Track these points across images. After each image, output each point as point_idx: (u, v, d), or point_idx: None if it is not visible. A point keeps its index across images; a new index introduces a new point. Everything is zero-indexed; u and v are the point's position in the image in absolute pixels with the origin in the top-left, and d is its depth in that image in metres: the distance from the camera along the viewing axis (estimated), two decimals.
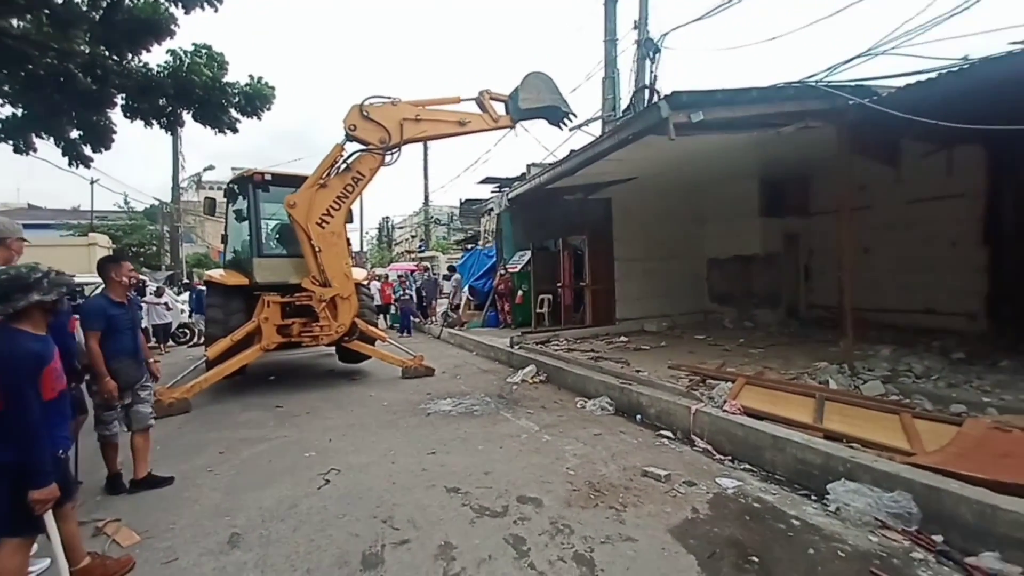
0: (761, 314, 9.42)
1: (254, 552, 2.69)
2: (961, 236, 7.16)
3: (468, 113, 6.65)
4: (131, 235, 24.68)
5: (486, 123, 6.70)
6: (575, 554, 2.59)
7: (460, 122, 6.58)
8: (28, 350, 2.09)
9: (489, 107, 6.70)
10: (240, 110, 8.62)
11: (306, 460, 4.08)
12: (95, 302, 3.51)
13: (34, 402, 2.05)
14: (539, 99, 6.71)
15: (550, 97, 6.79)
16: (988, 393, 4.36)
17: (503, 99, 6.78)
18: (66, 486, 2.25)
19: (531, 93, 6.68)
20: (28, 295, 2.11)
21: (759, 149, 7.06)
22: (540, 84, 6.75)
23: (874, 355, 5.79)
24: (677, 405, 4.53)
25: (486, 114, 6.69)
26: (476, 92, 6.73)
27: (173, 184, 21.96)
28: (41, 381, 2.11)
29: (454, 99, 6.70)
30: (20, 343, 2.09)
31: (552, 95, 6.81)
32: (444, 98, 6.70)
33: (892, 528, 2.66)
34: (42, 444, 2.06)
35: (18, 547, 2.11)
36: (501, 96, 6.78)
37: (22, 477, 2.02)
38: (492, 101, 6.73)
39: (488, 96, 6.70)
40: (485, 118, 6.69)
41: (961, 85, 4.34)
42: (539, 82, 6.75)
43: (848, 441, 3.46)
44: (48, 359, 2.17)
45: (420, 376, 7.37)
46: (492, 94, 6.73)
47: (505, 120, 6.79)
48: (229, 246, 7.98)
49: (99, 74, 7.73)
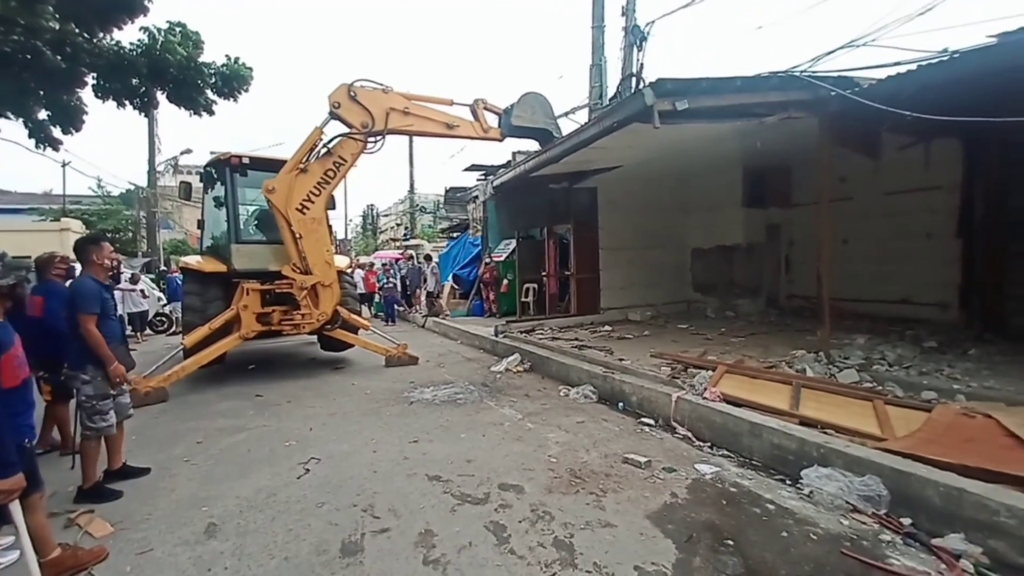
0: (742, 304, 9.55)
1: (231, 542, 2.66)
2: (936, 228, 7.32)
3: (458, 118, 6.59)
4: (106, 220, 23.90)
5: (475, 131, 6.65)
6: (555, 539, 2.61)
7: (449, 124, 6.50)
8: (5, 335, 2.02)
9: (481, 116, 6.67)
10: (217, 91, 8.37)
11: (286, 449, 4.04)
12: (89, 284, 3.25)
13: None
14: (533, 119, 6.74)
15: (544, 120, 6.84)
16: (957, 380, 4.49)
17: (497, 111, 6.78)
18: (33, 476, 2.19)
19: (526, 112, 6.69)
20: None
21: (743, 139, 7.09)
22: (536, 105, 6.78)
23: (850, 344, 5.92)
24: (659, 393, 4.59)
25: (476, 122, 6.66)
26: (471, 99, 6.71)
27: (149, 168, 21.28)
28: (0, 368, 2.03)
29: (447, 100, 6.60)
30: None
31: (547, 119, 6.87)
32: (437, 97, 6.58)
33: (862, 511, 2.73)
34: (3, 433, 1.98)
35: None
36: (495, 108, 6.78)
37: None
38: (486, 111, 6.71)
39: (482, 105, 6.68)
40: (475, 126, 6.65)
41: (940, 77, 4.41)
42: (536, 103, 6.78)
43: (822, 427, 3.54)
44: (8, 345, 2.09)
45: (404, 365, 7.34)
46: (487, 104, 6.71)
47: (495, 132, 6.77)
48: (206, 232, 7.77)
49: (68, 52, 7.41)
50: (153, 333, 12.10)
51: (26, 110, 8.10)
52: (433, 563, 2.43)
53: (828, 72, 5.61)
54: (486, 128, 6.70)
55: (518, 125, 6.66)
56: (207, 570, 2.42)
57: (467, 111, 6.69)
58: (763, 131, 6.13)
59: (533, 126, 6.77)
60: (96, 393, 3.24)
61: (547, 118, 6.87)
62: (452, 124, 6.51)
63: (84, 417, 3.27)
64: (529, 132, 6.90)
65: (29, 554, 2.15)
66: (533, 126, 6.77)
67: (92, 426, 3.25)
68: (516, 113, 6.62)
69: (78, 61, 7.62)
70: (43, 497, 2.42)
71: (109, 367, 3.21)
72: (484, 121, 6.69)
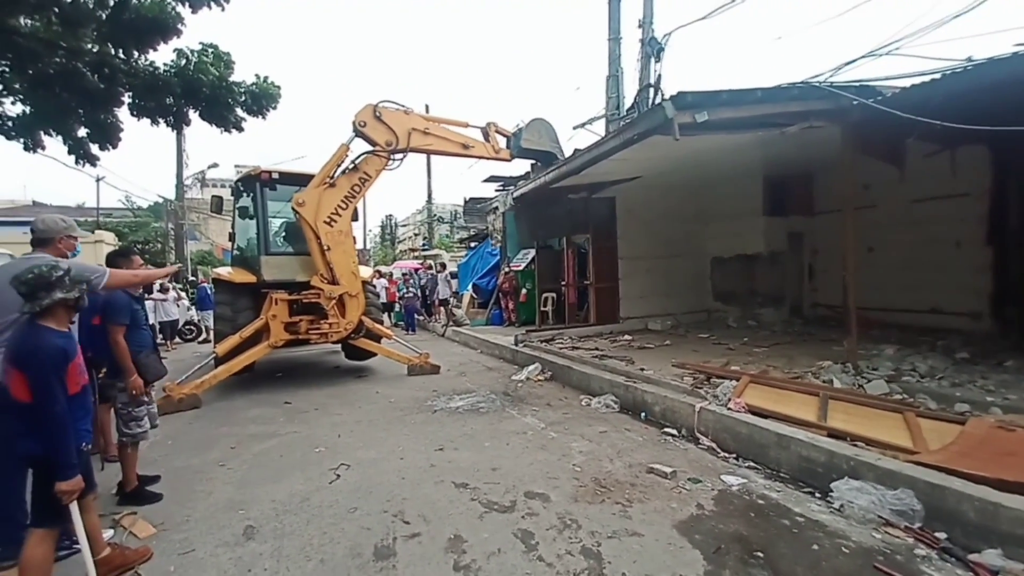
0: (765, 313, 9.44)
1: (269, 544, 2.76)
2: (965, 236, 7.17)
3: (472, 139, 7.13)
4: (136, 232, 24.81)
5: (487, 152, 7.23)
6: (583, 548, 2.64)
7: (464, 145, 7.01)
8: (54, 345, 2.15)
9: (493, 138, 7.26)
10: (246, 109, 8.66)
11: (316, 455, 4.15)
12: (121, 296, 3.37)
13: (61, 396, 2.13)
14: (539, 143, 7.42)
15: (550, 144, 7.54)
16: (992, 393, 4.38)
17: (506, 134, 7.41)
18: (89, 478, 2.32)
19: (533, 136, 7.35)
20: (52, 293, 2.17)
21: (763, 148, 7.08)
22: (543, 130, 7.47)
23: (878, 354, 5.81)
24: (682, 403, 4.58)
25: (488, 144, 7.23)
26: (484, 122, 7.31)
27: (177, 182, 22.03)
28: (66, 376, 2.18)
29: (463, 123, 7.10)
30: (46, 339, 2.15)
31: (552, 143, 7.56)
32: (453, 120, 7.10)
33: (895, 525, 2.70)
34: (68, 437, 2.13)
35: (44, 537, 2.19)
36: (505, 131, 7.41)
37: (49, 470, 2.11)
38: (497, 134, 7.31)
39: (494, 128, 7.30)
40: (487, 147, 7.22)
41: (965, 86, 4.36)
42: (542, 128, 7.46)
43: (852, 439, 3.49)
44: (72, 354, 2.24)
45: (426, 374, 7.44)
46: (497, 127, 7.34)
47: (505, 153, 7.37)
48: (236, 244, 8.05)
49: (107, 73, 7.79)
50: (182, 341, 12.46)
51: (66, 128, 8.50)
52: (464, 568, 2.49)
53: (849, 81, 5.59)
54: (497, 149, 7.31)
55: (527, 147, 7.32)
56: (248, 571, 2.52)
57: (479, 133, 7.27)
58: (784, 140, 6.12)
59: (539, 148, 7.45)
60: (131, 400, 3.41)
61: (552, 142, 7.57)
62: (467, 145, 7.05)
63: (121, 424, 3.43)
64: (535, 154, 7.64)
65: (86, 552, 2.28)
66: (539, 148, 7.45)
67: (128, 432, 3.41)
68: (524, 136, 7.29)
69: (115, 82, 8.00)
70: (96, 498, 2.56)
71: (128, 379, 3.34)
72: (495, 142, 7.30)
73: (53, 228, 2.74)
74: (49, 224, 2.75)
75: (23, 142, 7.92)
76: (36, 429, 2.09)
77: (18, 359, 2.12)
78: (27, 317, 2.19)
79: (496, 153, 7.28)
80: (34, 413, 2.09)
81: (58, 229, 2.74)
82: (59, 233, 2.74)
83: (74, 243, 2.85)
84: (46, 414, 2.09)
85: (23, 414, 2.10)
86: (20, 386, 2.10)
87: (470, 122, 7.18)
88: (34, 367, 2.09)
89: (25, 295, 2.15)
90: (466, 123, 7.14)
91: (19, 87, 7.53)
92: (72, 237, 2.83)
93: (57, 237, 2.73)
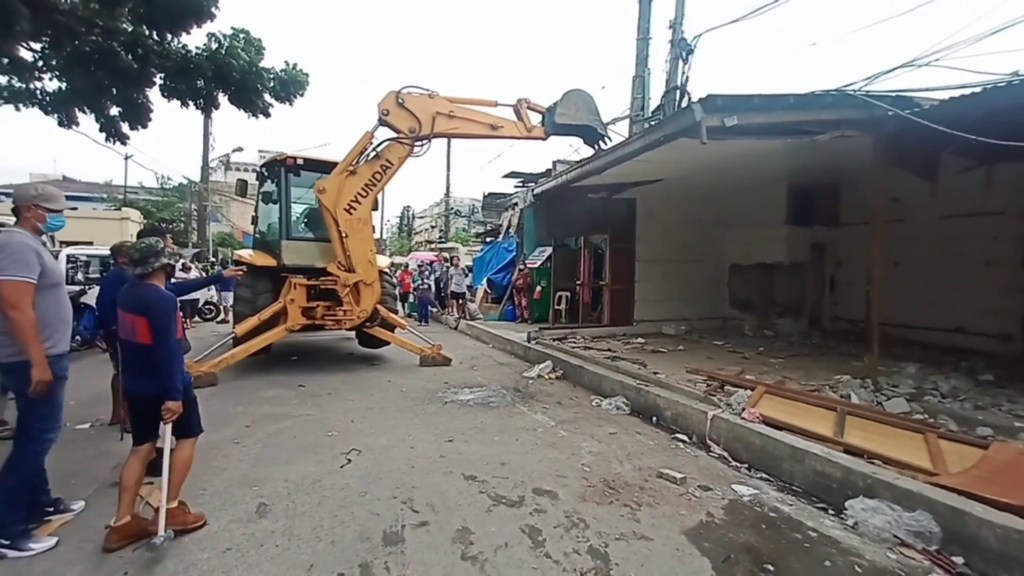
0: (782, 323, 9.29)
1: (281, 522, 2.81)
2: (997, 255, 6.96)
3: (502, 118, 6.62)
4: (163, 211, 25.37)
5: (519, 131, 6.63)
6: (590, 548, 2.64)
7: (493, 126, 6.53)
8: (169, 296, 2.66)
9: (525, 116, 6.65)
10: (274, 95, 8.78)
11: (328, 439, 4.20)
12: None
13: (174, 333, 2.62)
14: (576, 116, 6.62)
15: (588, 117, 6.69)
16: (1019, 418, 4.26)
17: (540, 110, 6.72)
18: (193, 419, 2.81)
19: (569, 109, 6.58)
20: (159, 259, 2.66)
21: (789, 156, 6.95)
22: (580, 102, 6.65)
23: (899, 372, 5.68)
24: (694, 409, 4.53)
25: (520, 122, 6.64)
26: (514, 99, 6.69)
27: (203, 163, 22.43)
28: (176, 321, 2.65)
29: (491, 102, 6.65)
30: (162, 292, 2.65)
31: (591, 115, 6.71)
32: (481, 99, 6.64)
33: (911, 547, 2.64)
34: (178, 368, 2.63)
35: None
36: (539, 107, 6.73)
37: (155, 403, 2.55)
38: (529, 111, 6.67)
39: (526, 105, 6.65)
40: (519, 126, 6.63)
41: (1007, 101, 4.23)
42: (579, 100, 6.66)
43: (869, 457, 3.43)
44: (176, 306, 2.69)
45: (437, 365, 7.48)
46: (530, 104, 6.68)
47: (539, 131, 6.73)
48: (258, 227, 8.17)
49: (140, 53, 7.94)
50: (202, 320, 12.72)
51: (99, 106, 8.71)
52: (471, 559, 2.50)
53: (884, 92, 5.45)
54: (530, 128, 6.67)
55: (562, 123, 6.59)
56: (260, 546, 2.57)
57: (510, 111, 6.69)
58: (811, 149, 6.00)
59: (577, 123, 6.66)
60: None
61: (591, 114, 6.71)
62: (496, 125, 6.54)
63: None
64: (573, 129, 6.79)
65: (164, 477, 2.60)
66: (577, 123, 6.66)
67: None
68: (559, 111, 6.55)
69: (148, 62, 8.16)
70: (194, 442, 2.84)
71: None
72: (528, 120, 6.67)
73: (22, 196, 2.57)
74: (19, 193, 2.59)
75: (58, 117, 8.13)
76: (154, 369, 2.55)
77: (146, 308, 2.56)
78: (137, 279, 2.68)
79: (529, 132, 6.65)
80: (152, 355, 2.54)
81: (26, 197, 2.56)
82: (27, 201, 2.56)
83: (44, 214, 2.61)
84: (164, 347, 2.55)
85: (143, 353, 2.57)
86: (144, 330, 2.55)
87: (500, 101, 6.65)
88: (159, 313, 2.56)
89: (137, 261, 2.65)
90: (495, 102, 6.62)
91: (56, 63, 7.72)
92: (43, 207, 2.60)
93: (24, 206, 2.56)
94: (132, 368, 2.67)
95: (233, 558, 2.48)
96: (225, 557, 2.48)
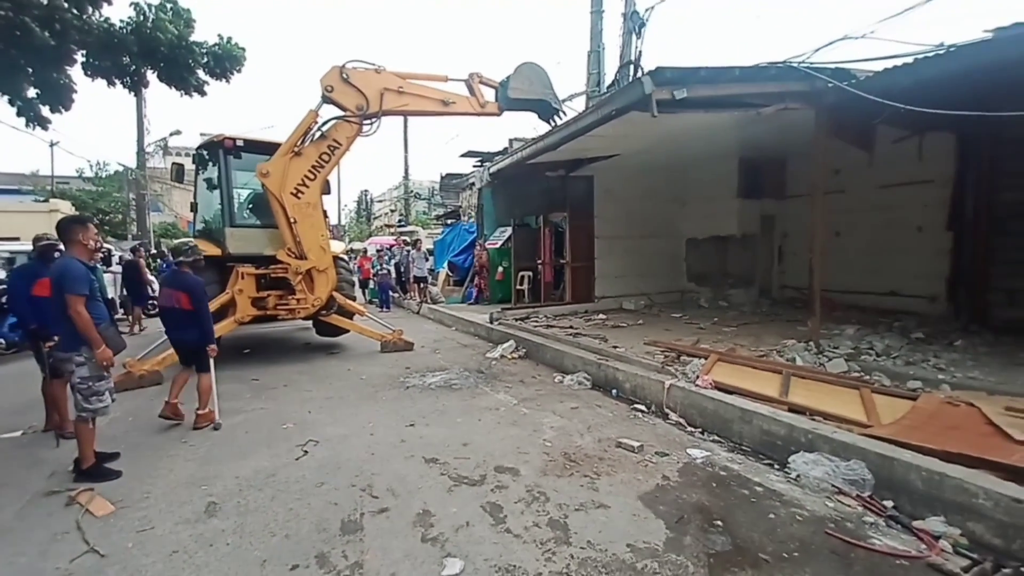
0: (735, 294, 9.65)
1: (232, 520, 2.70)
2: (928, 221, 7.42)
3: (454, 94, 6.41)
4: (98, 201, 23.55)
5: (472, 107, 6.45)
6: (550, 520, 2.68)
7: (444, 101, 6.31)
8: (200, 279, 4.32)
9: (478, 91, 6.46)
10: (208, 71, 8.19)
11: (284, 432, 4.08)
12: (77, 265, 3.15)
13: (207, 303, 4.30)
14: (530, 91, 6.47)
15: (541, 91, 6.54)
16: (943, 371, 4.61)
17: (493, 85, 6.55)
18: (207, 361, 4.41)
19: (522, 84, 6.42)
20: (195, 254, 4.37)
21: (739, 130, 7.11)
22: (533, 76, 6.50)
23: (839, 334, 6.03)
24: (652, 380, 4.66)
25: (473, 98, 6.46)
26: (466, 74, 6.47)
27: (138, 148, 20.89)
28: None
29: (441, 77, 6.41)
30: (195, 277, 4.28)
31: (544, 89, 6.57)
32: (431, 74, 6.43)
33: (847, 494, 2.83)
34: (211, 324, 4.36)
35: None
36: (491, 82, 6.55)
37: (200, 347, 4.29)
38: (482, 85, 6.49)
39: (478, 80, 6.46)
40: (472, 102, 6.45)
41: (935, 71, 4.43)
42: (532, 74, 6.50)
43: (811, 414, 3.63)
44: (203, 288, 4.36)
45: (399, 350, 7.37)
46: (482, 78, 6.49)
47: (492, 107, 6.56)
48: (199, 215, 7.70)
49: (58, 28, 7.20)
50: (145, 316, 12.00)
51: (15, 88, 7.90)
52: (431, 541, 2.49)
53: (826, 64, 5.62)
54: (483, 103, 6.50)
55: (516, 98, 6.43)
56: (209, 546, 2.47)
57: (463, 87, 6.50)
58: (760, 123, 6.15)
59: (531, 97, 6.51)
60: (92, 374, 3.22)
61: (545, 89, 6.58)
62: (448, 101, 6.33)
63: (80, 399, 3.24)
64: (527, 104, 6.63)
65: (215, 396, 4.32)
66: (531, 97, 6.51)
67: (88, 407, 3.23)
68: (512, 85, 6.39)
69: (68, 38, 7.42)
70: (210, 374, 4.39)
71: (96, 350, 3.15)
72: (481, 96, 6.49)
73: None
74: None
75: None
76: (194, 324, 4.21)
77: (186, 287, 4.16)
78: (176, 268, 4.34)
79: (482, 108, 6.48)
80: (193, 316, 4.17)
81: None
82: None
83: None
84: (202, 312, 4.22)
85: (187, 316, 4.16)
86: (186, 301, 4.13)
87: (450, 75, 6.40)
88: (196, 289, 4.19)
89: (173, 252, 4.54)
90: (445, 77, 6.38)
91: None
92: None
93: None
94: (179, 326, 4.26)
95: (180, 560, 2.37)
96: (172, 560, 2.37)
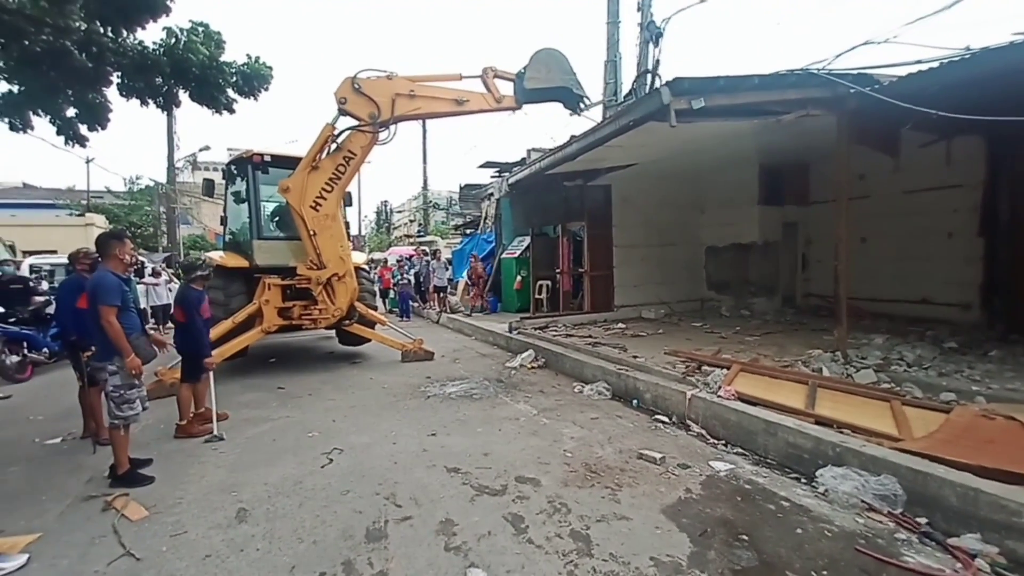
0: (758, 302, 9.49)
1: (261, 526, 2.78)
2: (958, 227, 7.21)
3: (467, 91, 6.14)
4: (130, 215, 24.53)
5: (487, 103, 6.16)
6: (572, 531, 2.68)
7: (458, 100, 6.07)
8: (198, 295, 4.55)
9: (492, 86, 6.17)
10: (237, 90, 8.51)
11: (309, 440, 4.17)
12: (110, 277, 3.35)
13: (198, 319, 4.47)
14: (548, 79, 6.06)
15: (561, 77, 6.09)
16: (977, 382, 4.45)
17: (509, 78, 6.24)
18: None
19: (540, 72, 6.02)
20: (204, 271, 4.69)
21: (759, 137, 7.05)
22: (551, 62, 6.08)
23: (868, 344, 5.88)
24: (673, 391, 4.62)
25: (488, 93, 6.16)
26: (479, 69, 6.23)
27: (168, 164, 21.76)
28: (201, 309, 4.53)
29: (454, 76, 6.22)
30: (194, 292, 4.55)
31: (564, 75, 6.12)
32: (443, 75, 6.26)
33: (878, 510, 2.76)
34: (205, 337, 4.60)
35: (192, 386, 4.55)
36: (507, 75, 6.24)
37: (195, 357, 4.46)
38: (497, 80, 6.21)
39: (492, 74, 6.17)
40: (487, 97, 6.16)
41: (962, 75, 4.34)
42: (550, 60, 6.09)
43: (838, 427, 3.55)
44: (203, 300, 4.62)
45: (420, 360, 7.45)
46: (497, 72, 6.21)
47: (509, 101, 6.23)
48: (228, 228, 7.96)
49: (95, 51, 7.61)
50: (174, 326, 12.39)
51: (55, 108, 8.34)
52: (454, 550, 2.52)
53: (847, 70, 5.55)
54: (499, 98, 6.19)
55: (534, 88, 6.08)
56: (240, 551, 2.54)
57: (477, 83, 6.23)
58: (780, 129, 6.09)
59: (550, 86, 6.11)
60: (123, 383, 3.38)
61: (565, 74, 6.12)
62: (462, 100, 6.08)
63: (113, 407, 3.40)
64: (548, 94, 6.22)
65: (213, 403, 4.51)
66: (550, 86, 6.11)
67: (120, 415, 3.39)
68: (529, 75, 6.04)
69: (104, 60, 7.83)
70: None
71: (125, 359, 3.31)
72: (496, 91, 6.18)
73: None
74: None
75: (10, 122, 7.77)
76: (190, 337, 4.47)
77: (180, 301, 4.54)
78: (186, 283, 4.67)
79: (499, 103, 6.14)
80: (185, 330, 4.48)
81: None
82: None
83: None
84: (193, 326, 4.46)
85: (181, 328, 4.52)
86: (180, 314, 4.52)
87: (464, 73, 6.15)
88: (186, 303, 4.48)
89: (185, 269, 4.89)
90: (459, 75, 6.14)
91: (5, 65, 7.37)
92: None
93: None
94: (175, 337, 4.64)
95: (213, 565, 2.45)
96: (204, 564, 2.45)
